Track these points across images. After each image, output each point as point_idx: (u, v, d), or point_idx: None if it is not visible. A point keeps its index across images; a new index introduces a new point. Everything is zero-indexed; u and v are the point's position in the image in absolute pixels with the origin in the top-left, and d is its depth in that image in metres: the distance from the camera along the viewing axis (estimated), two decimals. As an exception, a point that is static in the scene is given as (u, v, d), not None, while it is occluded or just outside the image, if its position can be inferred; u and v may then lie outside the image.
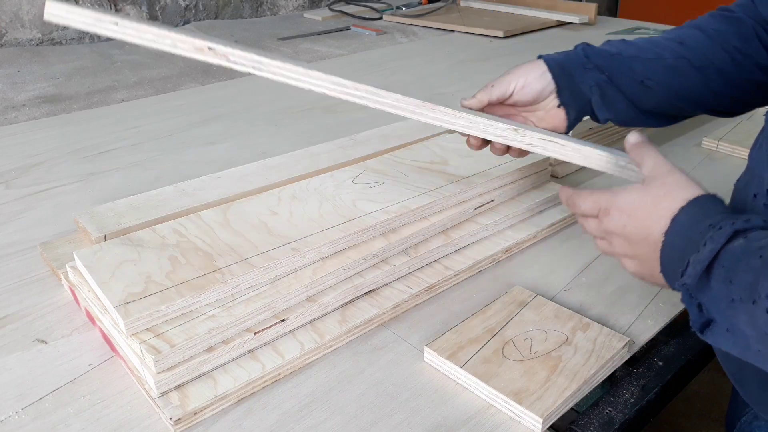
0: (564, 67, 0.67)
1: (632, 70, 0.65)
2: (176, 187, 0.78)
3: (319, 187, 0.75)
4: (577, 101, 0.67)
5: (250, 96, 1.35)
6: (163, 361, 0.52)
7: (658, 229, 0.49)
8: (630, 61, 0.66)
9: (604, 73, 0.66)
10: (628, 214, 0.51)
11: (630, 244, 0.52)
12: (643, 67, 0.65)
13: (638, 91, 0.66)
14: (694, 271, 0.44)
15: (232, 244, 0.63)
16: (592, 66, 0.66)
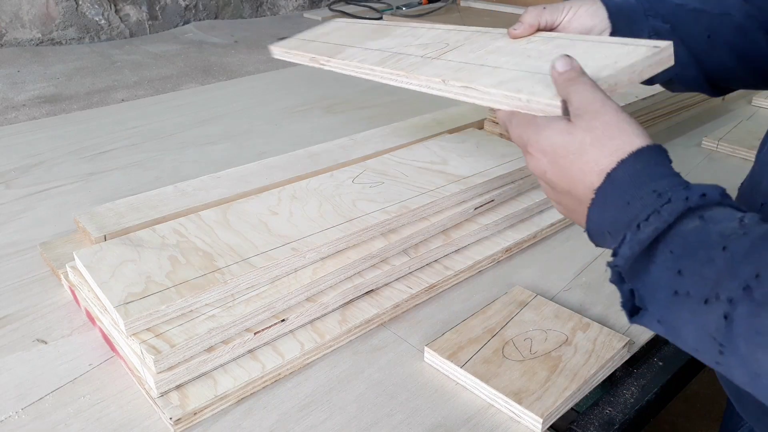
0: (623, 10, 0.60)
1: (698, 22, 0.58)
2: (176, 187, 0.78)
3: (319, 187, 0.75)
4: None
5: (250, 96, 1.35)
6: (163, 361, 0.52)
7: (583, 185, 0.42)
8: (696, 14, 0.59)
9: (668, 23, 0.59)
10: (549, 159, 0.44)
11: (553, 191, 0.46)
12: (709, 22, 0.58)
13: (703, 47, 0.59)
14: (631, 253, 0.37)
15: (232, 244, 0.63)
16: (654, 13, 0.59)
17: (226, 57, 1.69)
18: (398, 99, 1.32)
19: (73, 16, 1.85)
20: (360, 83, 1.46)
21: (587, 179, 0.41)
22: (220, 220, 0.67)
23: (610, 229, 0.40)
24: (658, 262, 0.37)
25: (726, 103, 1.28)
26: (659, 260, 0.37)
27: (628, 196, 0.39)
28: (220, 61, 1.65)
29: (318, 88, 1.40)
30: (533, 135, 0.45)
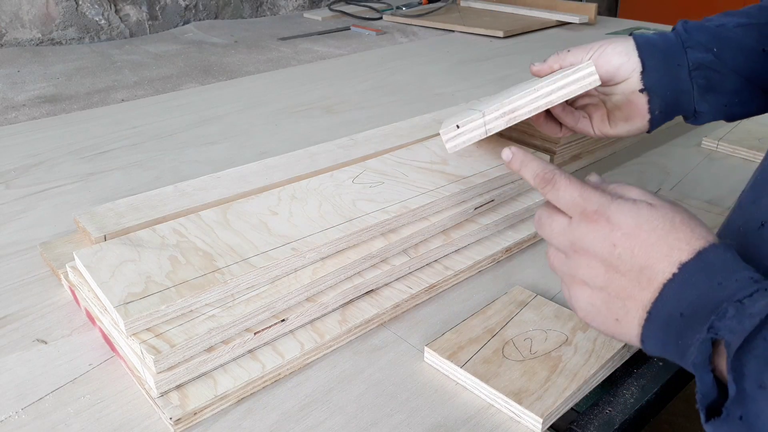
0: (656, 46, 0.55)
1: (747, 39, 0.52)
2: (176, 187, 0.78)
3: (319, 187, 0.75)
4: (666, 87, 0.54)
5: (250, 96, 1.35)
6: (163, 361, 0.52)
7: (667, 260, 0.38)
8: (742, 30, 0.53)
9: (712, 50, 0.53)
10: (625, 232, 0.39)
11: (608, 271, 0.40)
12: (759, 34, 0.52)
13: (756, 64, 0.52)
14: (741, 327, 0.33)
15: (232, 244, 0.63)
16: (694, 43, 0.54)
17: (226, 57, 1.69)
18: (398, 99, 1.32)
19: (73, 16, 1.85)
20: (360, 83, 1.46)
21: (673, 255, 0.38)
22: (220, 220, 0.67)
23: (689, 310, 0.36)
24: (751, 348, 0.33)
25: (726, 103, 1.28)
26: (752, 347, 0.33)
27: (720, 277, 0.36)
28: (220, 61, 1.65)
29: (318, 88, 1.40)
30: (606, 202, 0.40)
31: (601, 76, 0.55)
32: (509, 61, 1.61)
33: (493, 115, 0.47)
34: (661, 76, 0.54)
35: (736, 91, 0.53)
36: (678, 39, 0.55)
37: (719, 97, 0.54)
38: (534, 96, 0.47)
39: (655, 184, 0.93)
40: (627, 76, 0.55)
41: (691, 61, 0.54)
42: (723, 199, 0.90)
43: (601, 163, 1.01)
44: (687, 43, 0.54)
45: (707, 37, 0.54)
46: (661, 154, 1.04)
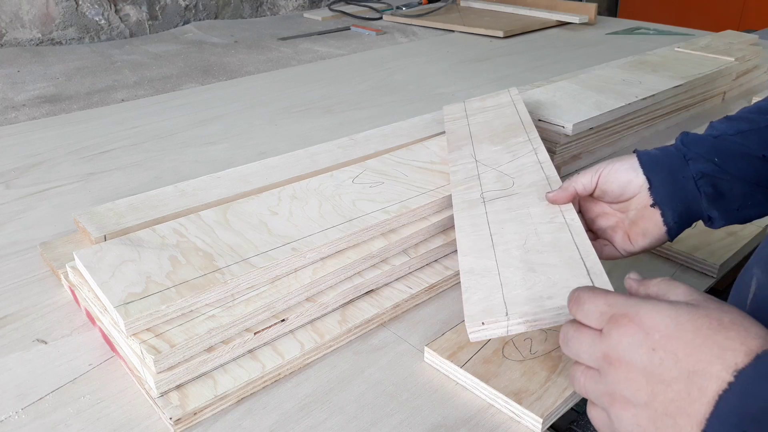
0: (659, 161, 0.56)
1: (746, 147, 0.54)
2: (176, 187, 0.78)
3: (319, 187, 0.75)
4: (675, 199, 0.55)
5: (250, 96, 1.35)
6: (163, 361, 0.52)
7: (720, 364, 0.33)
8: (741, 138, 0.54)
9: (713, 160, 0.54)
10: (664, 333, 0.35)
11: (650, 382, 0.35)
12: (758, 140, 0.53)
13: (761, 169, 0.53)
14: None
15: (232, 244, 0.63)
16: (694, 155, 0.55)
17: (226, 57, 1.70)
18: (398, 99, 1.32)
19: (73, 16, 1.85)
20: (360, 83, 1.46)
21: (727, 356, 0.33)
22: (220, 220, 0.67)
23: (753, 427, 0.31)
24: None
25: (726, 103, 1.28)
26: None
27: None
28: (220, 61, 1.65)
29: (318, 88, 1.40)
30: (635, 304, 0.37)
31: (613, 192, 0.57)
32: (509, 61, 1.61)
33: (516, 320, 0.48)
34: (669, 189, 0.55)
35: (746, 195, 0.54)
36: (679, 153, 0.56)
37: (729, 202, 0.54)
38: (555, 316, 0.48)
39: (655, 184, 0.93)
40: (637, 191, 0.57)
41: (695, 172, 0.54)
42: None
43: (601, 163, 1.01)
44: (688, 155, 0.55)
45: (706, 149, 0.55)
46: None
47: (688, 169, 0.55)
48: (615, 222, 0.60)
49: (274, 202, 0.71)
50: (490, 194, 0.67)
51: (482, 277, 0.53)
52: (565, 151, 0.96)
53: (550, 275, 0.52)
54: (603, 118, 0.96)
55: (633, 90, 1.05)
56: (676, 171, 0.55)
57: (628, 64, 1.22)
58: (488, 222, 0.62)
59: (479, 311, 0.49)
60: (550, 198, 0.60)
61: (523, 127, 0.82)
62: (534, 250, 0.55)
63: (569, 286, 0.49)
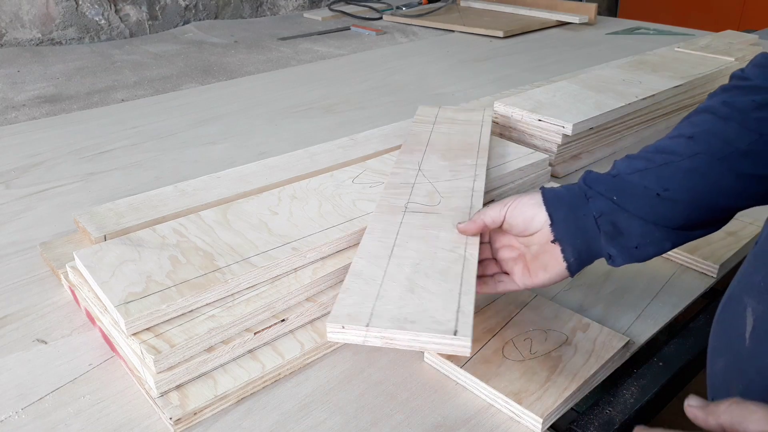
0: (561, 198, 0.58)
1: (643, 186, 0.55)
2: (176, 187, 0.78)
3: (319, 187, 0.75)
4: (576, 236, 0.56)
5: (250, 96, 1.35)
6: (163, 361, 0.52)
7: None
8: (638, 177, 0.55)
9: (612, 198, 0.56)
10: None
11: None
12: (655, 178, 0.55)
13: (657, 208, 0.54)
14: None
15: (233, 244, 0.63)
16: (594, 193, 0.56)
17: (226, 57, 1.70)
18: (398, 99, 1.32)
19: (73, 16, 1.85)
20: (360, 83, 1.46)
21: None
22: (221, 220, 0.67)
23: None
24: None
25: (726, 103, 1.28)
26: None
27: None
28: (220, 61, 1.65)
29: (318, 88, 1.40)
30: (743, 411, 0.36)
31: (518, 226, 0.59)
32: (509, 61, 1.61)
33: (374, 332, 0.49)
34: (569, 226, 0.57)
35: (644, 233, 0.55)
36: (581, 191, 0.57)
37: (628, 240, 0.55)
38: (410, 341, 0.50)
39: (655, 184, 0.93)
40: (540, 227, 0.58)
41: (594, 210, 0.56)
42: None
43: (601, 163, 1.01)
44: (588, 194, 0.57)
45: (605, 187, 0.56)
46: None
47: (588, 206, 0.56)
48: (518, 255, 0.61)
49: (274, 202, 0.71)
50: (414, 206, 0.68)
51: (365, 284, 0.55)
52: (565, 151, 0.96)
53: (423, 301, 0.53)
54: (603, 118, 0.96)
55: (633, 90, 1.05)
56: (577, 208, 0.57)
57: (628, 64, 1.22)
58: (398, 232, 0.63)
59: (344, 314, 0.51)
60: (460, 228, 0.62)
61: (478, 150, 0.82)
62: (423, 273, 0.56)
63: (435, 317, 0.51)
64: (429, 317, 0.51)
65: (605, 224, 0.55)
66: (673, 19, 2.32)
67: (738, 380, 0.45)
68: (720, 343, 0.48)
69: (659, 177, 0.55)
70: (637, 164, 0.57)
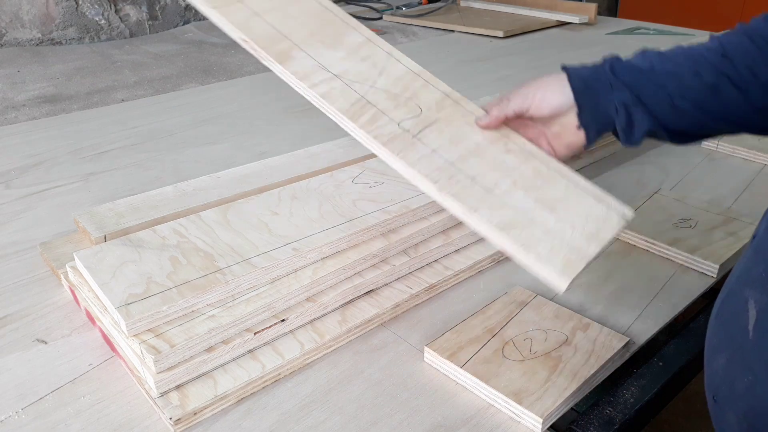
0: (588, 84, 0.60)
1: (665, 88, 0.57)
2: (176, 187, 0.78)
3: (319, 187, 0.75)
4: (598, 122, 0.60)
5: (250, 96, 1.35)
6: (163, 361, 0.52)
7: None
8: (664, 77, 0.58)
9: (633, 92, 0.58)
10: None
11: None
12: (677, 86, 0.57)
13: (669, 113, 0.58)
14: None
15: (233, 245, 0.63)
16: (619, 84, 0.59)
17: (226, 57, 1.69)
18: (398, 99, 1.32)
19: (73, 16, 1.85)
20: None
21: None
22: (221, 220, 0.67)
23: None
24: None
25: (726, 103, 1.28)
26: None
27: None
28: (220, 61, 1.65)
29: (318, 88, 1.40)
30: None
31: (543, 116, 0.61)
32: (509, 61, 1.61)
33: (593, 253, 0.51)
34: (595, 114, 0.60)
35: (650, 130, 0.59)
36: (606, 78, 0.60)
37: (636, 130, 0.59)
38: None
39: (655, 184, 0.93)
40: (565, 111, 0.60)
41: (617, 101, 0.59)
42: (723, 199, 0.90)
43: (601, 163, 1.01)
44: (613, 83, 0.59)
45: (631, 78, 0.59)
46: (661, 154, 1.04)
47: (611, 95, 0.59)
48: (537, 133, 0.63)
49: (274, 202, 0.71)
50: (407, 123, 0.58)
51: (526, 228, 0.52)
52: (565, 151, 0.96)
53: (571, 211, 0.53)
54: (603, 118, 0.96)
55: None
56: (602, 95, 0.59)
57: (628, 64, 1.22)
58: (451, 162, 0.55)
59: (560, 265, 0.50)
60: (482, 125, 0.62)
61: (343, 21, 0.66)
62: (528, 187, 0.55)
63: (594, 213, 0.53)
64: (597, 215, 0.52)
65: (622, 114, 0.58)
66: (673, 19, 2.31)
67: (742, 375, 0.45)
68: (721, 340, 0.48)
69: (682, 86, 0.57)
70: (668, 66, 0.58)
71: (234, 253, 0.61)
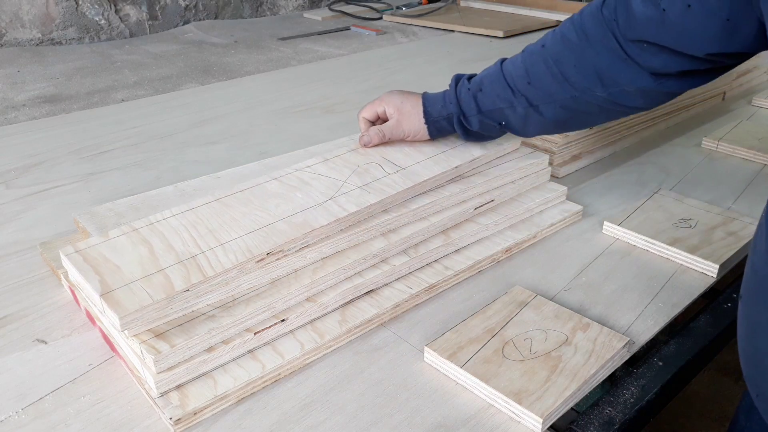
0: (438, 116, 0.80)
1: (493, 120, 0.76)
2: (176, 187, 0.78)
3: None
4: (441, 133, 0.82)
5: (250, 96, 1.35)
6: (163, 361, 0.52)
7: None
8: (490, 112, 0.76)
9: (474, 116, 0.77)
10: None
11: None
12: (500, 116, 0.75)
13: (499, 131, 0.79)
14: None
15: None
16: (461, 111, 0.78)
17: (226, 57, 1.70)
18: (398, 99, 1.32)
19: (73, 16, 1.85)
20: (360, 83, 1.46)
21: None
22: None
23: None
24: None
25: (726, 103, 1.28)
26: None
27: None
28: (220, 61, 1.65)
29: (318, 88, 1.40)
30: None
31: (403, 134, 0.82)
32: (509, 61, 1.61)
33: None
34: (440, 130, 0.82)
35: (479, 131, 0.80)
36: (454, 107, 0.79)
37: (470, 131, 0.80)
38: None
39: (655, 184, 0.93)
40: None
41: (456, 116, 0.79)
42: (723, 199, 0.90)
43: (601, 163, 1.01)
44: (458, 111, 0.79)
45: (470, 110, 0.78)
46: (661, 154, 1.04)
47: (455, 116, 0.79)
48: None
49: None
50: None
51: None
52: (565, 151, 0.96)
53: None
54: (603, 118, 0.96)
55: (633, 90, 1.05)
56: (448, 119, 0.79)
57: (628, 64, 1.22)
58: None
59: None
60: (364, 142, 0.81)
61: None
62: None
63: None
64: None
65: (460, 127, 0.79)
66: (673, 19, 2.31)
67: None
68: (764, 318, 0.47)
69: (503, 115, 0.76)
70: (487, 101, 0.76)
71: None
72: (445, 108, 0.79)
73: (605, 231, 0.81)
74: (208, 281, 0.57)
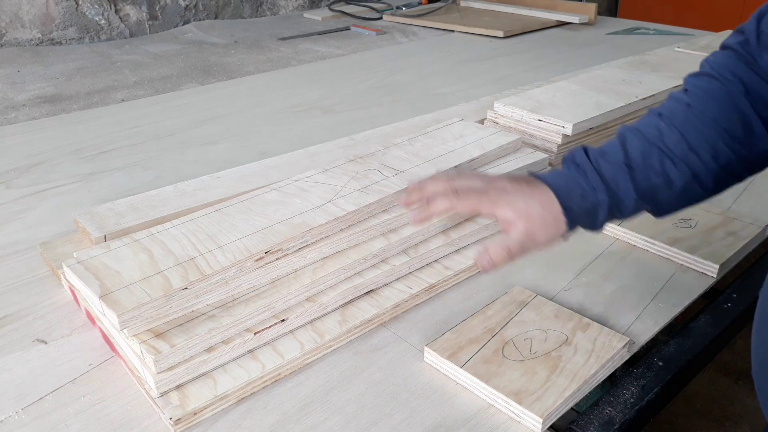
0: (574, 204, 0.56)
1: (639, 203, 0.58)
2: (176, 187, 0.78)
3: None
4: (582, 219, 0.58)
5: (250, 96, 1.35)
6: (163, 361, 0.52)
7: None
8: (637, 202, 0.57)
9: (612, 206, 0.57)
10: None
11: None
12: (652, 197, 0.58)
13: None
14: None
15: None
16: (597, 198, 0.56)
17: (226, 57, 1.69)
18: (398, 99, 1.32)
19: (73, 16, 1.85)
20: (360, 83, 1.46)
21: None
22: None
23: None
24: None
25: (726, 103, 1.28)
26: None
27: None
28: (220, 61, 1.65)
29: (318, 88, 1.40)
30: None
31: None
32: (509, 61, 1.61)
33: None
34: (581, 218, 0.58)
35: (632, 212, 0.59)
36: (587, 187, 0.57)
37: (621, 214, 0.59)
38: None
39: (655, 184, 0.93)
40: None
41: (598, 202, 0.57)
42: (723, 199, 0.90)
43: (601, 163, 1.01)
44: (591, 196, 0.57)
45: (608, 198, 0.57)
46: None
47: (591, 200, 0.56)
48: None
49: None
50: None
51: None
52: (565, 151, 0.96)
53: None
54: (603, 118, 0.96)
55: (633, 90, 1.05)
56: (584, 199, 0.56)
57: (628, 64, 1.22)
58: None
59: None
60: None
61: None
62: None
63: None
64: None
65: (603, 214, 0.57)
66: (673, 19, 2.31)
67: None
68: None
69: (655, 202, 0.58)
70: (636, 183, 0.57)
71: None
72: (587, 197, 0.56)
73: (605, 231, 0.81)
74: (206, 279, 0.57)
